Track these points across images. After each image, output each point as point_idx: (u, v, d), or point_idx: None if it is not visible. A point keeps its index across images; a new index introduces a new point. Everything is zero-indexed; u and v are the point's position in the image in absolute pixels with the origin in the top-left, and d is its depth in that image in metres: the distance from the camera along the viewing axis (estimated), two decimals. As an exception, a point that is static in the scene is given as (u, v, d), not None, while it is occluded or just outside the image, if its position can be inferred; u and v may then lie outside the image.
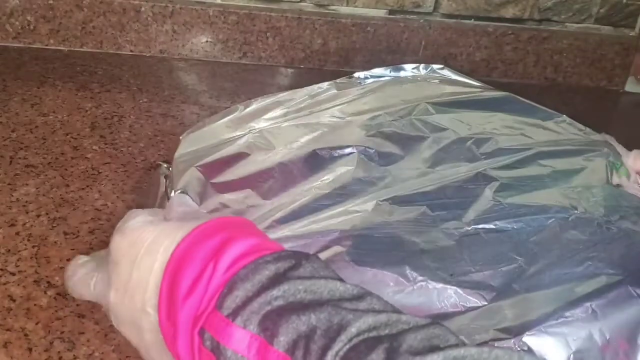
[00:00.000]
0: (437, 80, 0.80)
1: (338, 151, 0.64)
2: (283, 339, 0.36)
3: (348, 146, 0.64)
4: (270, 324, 0.37)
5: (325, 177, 0.61)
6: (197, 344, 0.39)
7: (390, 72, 0.81)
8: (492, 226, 0.56)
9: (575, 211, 0.58)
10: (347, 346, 0.35)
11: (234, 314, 0.38)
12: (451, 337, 0.35)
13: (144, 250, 0.43)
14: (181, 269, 0.41)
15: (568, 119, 0.73)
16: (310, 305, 0.37)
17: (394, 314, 0.37)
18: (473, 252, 0.53)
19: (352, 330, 0.35)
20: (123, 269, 0.44)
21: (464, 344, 0.34)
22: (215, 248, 0.41)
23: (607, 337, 0.47)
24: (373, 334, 0.35)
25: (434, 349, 0.33)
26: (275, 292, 0.38)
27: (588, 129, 0.72)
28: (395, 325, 0.36)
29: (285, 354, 0.36)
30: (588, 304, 0.48)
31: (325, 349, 0.35)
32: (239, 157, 0.63)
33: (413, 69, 0.83)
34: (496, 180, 0.61)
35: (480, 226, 0.56)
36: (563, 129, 0.72)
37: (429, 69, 0.82)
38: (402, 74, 0.81)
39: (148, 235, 0.44)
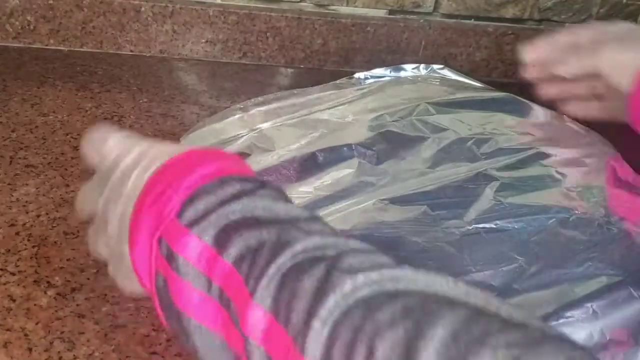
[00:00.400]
0: (437, 81, 0.80)
1: (338, 152, 0.64)
2: (232, 251, 0.37)
3: (348, 147, 0.64)
4: (224, 236, 0.38)
5: (325, 179, 0.61)
6: (155, 251, 0.40)
7: (390, 72, 0.81)
8: (492, 226, 0.56)
9: (576, 211, 0.58)
10: (291, 262, 0.35)
11: (192, 224, 0.39)
12: (394, 264, 0.35)
13: (149, 161, 0.44)
14: (157, 180, 0.42)
15: (568, 119, 0.73)
16: (264, 222, 0.38)
17: (342, 238, 0.37)
18: (474, 251, 0.53)
19: (298, 247, 0.36)
20: (116, 177, 0.45)
21: (403, 267, 0.34)
22: (189, 165, 0.42)
23: (608, 338, 0.47)
24: (318, 253, 0.36)
25: (373, 268, 0.33)
26: (234, 206, 0.39)
27: (588, 129, 0.72)
28: (342, 248, 0.36)
29: (232, 266, 0.37)
30: (589, 305, 0.48)
31: (269, 262, 0.35)
32: None
33: (413, 69, 0.83)
34: (497, 180, 0.61)
35: (481, 225, 0.56)
36: (563, 128, 0.72)
37: (429, 69, 0.82)
38: (402, 74, 0.81)
39: (155, 149, 0.45)
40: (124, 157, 0.46)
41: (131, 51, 1.02)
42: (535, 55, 0.73)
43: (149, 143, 0.47)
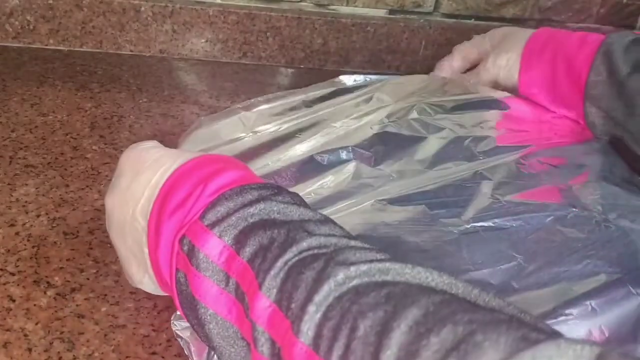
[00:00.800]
0: (434, 81, 0.80)
1: (336, 154, 0.64)
2: (248, 250, 0.41)
3: (346, 149, 0.64)
4: (242, 237, 0.42)
5: (324, 181, 0.61)
6: (176, 250, 0.44)
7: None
8: (491, 224, 0.55)
9: (574, 209, 0.58)
10: (297, 257, 0.39)
11: (213, 224, 0.43)
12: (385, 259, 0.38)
13: (147, 166, 0.49)
14: (175, 187, 0.46)
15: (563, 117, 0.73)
16: (278, 224, 0.42)
17: (345, 238, 0.41)
18: (472, 250, 0.53)
19: (304, 244, 0.39)
20: (125, 179, 0.50)
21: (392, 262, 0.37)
22: (208, 173, 0.46)
23: (607, 335, 0.47)
24: (322, 250, 0.39)
25: (365, 261, 0.37)
26: (252, 209, 0.43)
27: (584, 127, 0.72)
28: (341, 245, 0.40)
29: (247, 263, 0.40)
30: (587, 302, 0.48)
31: (277, 258, 0.39)
32: None
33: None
34: (495, 179, 0.61)
35: (479, 224, 0.55)
36: (559, 126, 0.72)
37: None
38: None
39: (154, 155, 0.50)
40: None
41: (131, 51, 1.02)
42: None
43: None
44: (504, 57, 0.77)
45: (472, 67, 0.84)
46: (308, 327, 0.35)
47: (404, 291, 0.34)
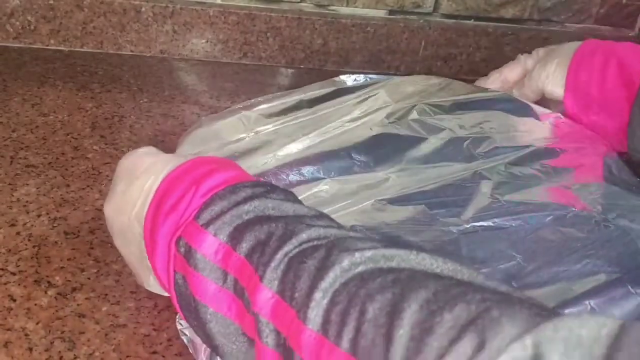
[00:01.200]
0: (434, 82, 0.80)
1: (336, 155, 0.64)
2: (245, 246, 0.41)
3: (346, 150, 0.64)
4: (237, 234, 0.42)
5: (323, 182, 0.61)
6: (173, 252, 0.44)
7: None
8: (490, 224, 0.56)
9: (573, 208, 0.58)
10: (297, 249, 0.39)
11: (208, 223, 0.43)
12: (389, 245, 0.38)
13: (140, 173, 0.49)
14: (168, 191, 0.46)
15: (563, 117, 0.73)
16: (274, 219, 0.42)
17: (344, 230, 0.41)
18: (472, 250, 0.53)
19: (303, 236, 0.40)
20: (120, 186, 0.51)
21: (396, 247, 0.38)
22: (200, 175, 0.46)
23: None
24: (323, 241, 0.39)
25: (369, 248, 0.37)
26: (247, 207, 0.43)
27: (584, 127, 0.72)
28: (341, 235, 0.40)
29: (245, 258, 0.41)
30: (587, 302, 0.48)
31: (276, 250, 0.39)
32: (237, 160, 0.63)
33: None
34: (494, 178, 0.61)
35: (479, 224, 0.56)
36: (560, 126, 0.72)
37: None
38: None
39: (147, 161, 0.50)
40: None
41: (131, 51, 1.02)
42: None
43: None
44: (551, 64, 0.77)
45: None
46: (316, 314, 0.35)
47: (410, 276, 0.35)
